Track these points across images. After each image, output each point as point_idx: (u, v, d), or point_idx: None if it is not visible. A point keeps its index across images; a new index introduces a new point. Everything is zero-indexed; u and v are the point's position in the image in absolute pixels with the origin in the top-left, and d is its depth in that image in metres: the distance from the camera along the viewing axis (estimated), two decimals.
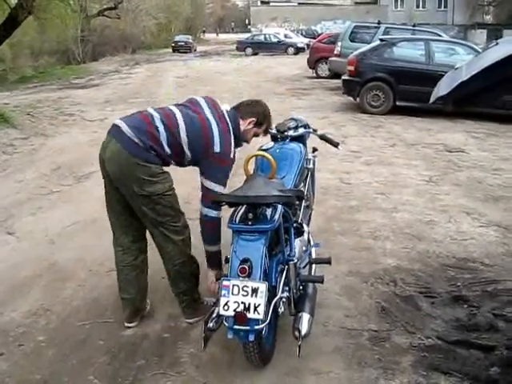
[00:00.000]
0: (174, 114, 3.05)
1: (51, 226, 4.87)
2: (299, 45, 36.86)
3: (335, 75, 15.41)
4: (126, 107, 11.73)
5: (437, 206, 5.58)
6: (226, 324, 2.53)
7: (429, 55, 10.82)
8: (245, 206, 2.69)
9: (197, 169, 3.16)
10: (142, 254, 3.33)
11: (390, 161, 7.44)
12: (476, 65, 1.54)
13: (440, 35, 13.68)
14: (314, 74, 18.95)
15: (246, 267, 2.51)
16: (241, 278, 2.51)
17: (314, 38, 44.74)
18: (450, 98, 1.66)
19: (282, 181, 3.17)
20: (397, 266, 4.17)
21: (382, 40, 11.82)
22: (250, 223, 2.62)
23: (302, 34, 47.04)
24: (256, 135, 3.32)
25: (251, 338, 2.53)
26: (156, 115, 3.03)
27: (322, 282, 3.06)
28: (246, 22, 72.12)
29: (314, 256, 3.51)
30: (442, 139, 8.88)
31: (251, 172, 2.96)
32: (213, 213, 3.05)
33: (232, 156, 3.06)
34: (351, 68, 11.35)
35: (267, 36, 37.59)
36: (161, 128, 2.98)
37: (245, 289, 2.49)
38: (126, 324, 3.34)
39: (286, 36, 38.60)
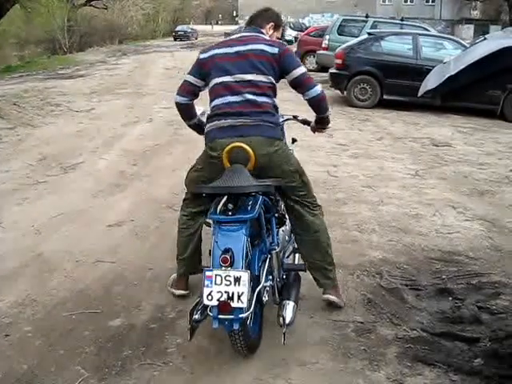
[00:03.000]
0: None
1: (37, 216, 4.84)
2: (287, 37, 36.72)
3: (322, 68, 15.42)
4: (113, 98, 11.71)
5: (423, 199, 5.63)
6: (211, 314, 2.55)
7: (416, 50, 10.86)
8: (225, 197, 2.72)
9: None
10: (201, 225, 3.42)
11: (377, 154, 7.48)
12: (464, 59, 1.55)
13: (428, 30, 13.74)
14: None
15: (228, 257, 2.52)
16: (223, 268, 2.53)
17: (302, 31, 44.78)
18: (438, 91, 1.66)
19: None
20: (383, 258, 4.21)
21: (369, 34, 11.85)
22: (230, 213, 2.65)
23: (290, 27, 46.94)
24: (278, 38, 3.40)
25: (236, 326, 2.55)
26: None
27: (304, 271, 3.11)
28: (234, 13, 71.85)
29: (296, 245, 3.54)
30: (428, 133, 8.93)
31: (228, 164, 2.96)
32: (178, 98, 3.30)
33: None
34: (339, 61, 11.38)
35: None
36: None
37: (227, 278, 2.51)
38: (175, 291, 3.51)
39: None
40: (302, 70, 3.14)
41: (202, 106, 3.47)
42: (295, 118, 3.77)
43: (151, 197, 5.46)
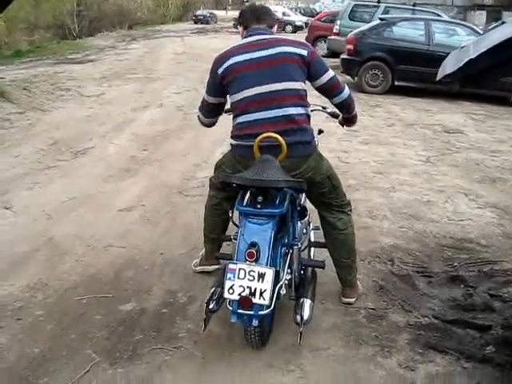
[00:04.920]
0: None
1: (48, 201, 4.84)
2: (297, 23, 36.63)
3: (333, 54, 15.28)
4: (123, 83, 11.67)
5: (434, 186, 5.59)
6: (230, 308, 2.52)
7: (428, 35, 10.77)
8: (254, 188, 2.65)
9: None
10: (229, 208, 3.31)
11: (388, 140, 7.43)
12: (483, 43, 1.52)
13: (440, 15, 13.58)
14: None
15: (254, 251, 2.47)
16: (248, 262, 2.49)
17: (313, 17, 44.32)
18: (457, 76, 1.63)
19: None
20: (394, 245, 4.19)
21: (381, 19, 11.73)
22: (259, 207, 2.59)
23: (300, 13, 46.66)
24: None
25: (255, 323, 2.52)
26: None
27: (323, 268, 3.07)
28: None
29: (312, 239, 3.52)
30: (440, 120, 8.86)
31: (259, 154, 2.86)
32: (203, 118, 3.23)
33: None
34: (350, 47, 11.28)
35: None
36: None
37: (251, 273, 2.47)
38: (209, 267, 3.58)
39: (284, 14, 38.29)
40: (330, 74, 3.00)
41: None
42: (324, 109, 3.64)
43: (162, 182, 5.45)
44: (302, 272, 3.02)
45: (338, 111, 3.44)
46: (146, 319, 3.15)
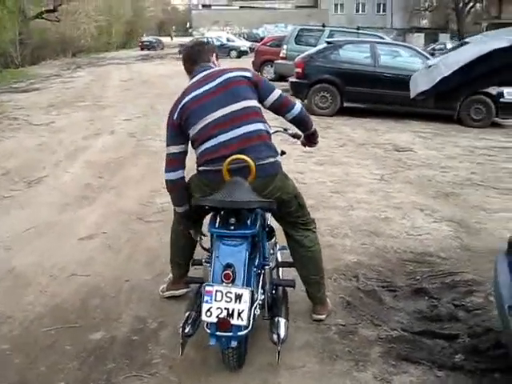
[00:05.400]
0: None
1: (6, 231, 4.71)
2: (242, 48, 37.16)
3: (281, 77, 15.53)
4: (71, 111, 11.53)
5: (391, 203, 5.74)
6: (208, 330, 2.51)
7: (374, 57, 11.10)
8: (226, 210, 2.67)
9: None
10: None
11: (342, 160, 7.59)
12: (453, 61, 1.61)
13: (383, 38, 14.04)
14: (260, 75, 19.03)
15: (230, 272, 2.49)
16: (224, 284, 2.49)
17: (257, 42, 45.18)
18: (432, 93, 1.72)
19: None
20: (357, 261, 4.26)
21: (328, 42, 12.03)
22: (232, 228, 2.61)
23: (243, 38, 47.37)
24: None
25: (233, 344, 2.53)
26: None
27: (293, 287, 3.09)
28: (187, 25, 71.82)
29: (279, 259, 3.55)
30: (390, 139, 9.12)
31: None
32: (170, 175, 3.05)
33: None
34: (299, 70, 11.50)
35: (210, 39, 37.52)
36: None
37: (228, 295, 2.47)
38: (177, 292, 3.55)
39: (228, 40, 38.77)
40: (278, 91, 3.13)
41: None
42: (285, 130, 3.63)
43: (120, 209, 5.39)
44: (273, 292, 3.04)
45: (299, 132, 3.52)
46: (118, 347, 3.10)
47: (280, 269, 3.55)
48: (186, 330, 2.63)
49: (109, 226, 4.92)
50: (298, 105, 3.20)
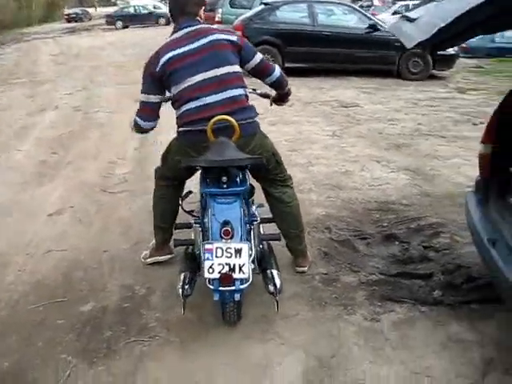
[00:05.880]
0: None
1: None
2: None
3: None
4: (8, 88, 11.12)
5: (347, 157, 5.91)
6: (211, 286, 2.58)
7: (313, 16, 11.17)
8: (213, 170, 2.73)
9: None
10: (178, 196, 3.36)
11: (292, 119, 7.69)
12: (448, 13, 1.71)
13: None
14: None
15: (229, 229, 2.55)
16: (223, 241, 2.56)
17: None
18: (429, 43, 1.82)
19: None
20: (326, 214, 4.40)
21: (265, 4, 11.98)
22: (225, 187, 2.68)
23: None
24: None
25: (237, 297, 2.62)
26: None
27: (279, 240, 3.21)
28: None
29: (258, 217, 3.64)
30: (335, 96, 9.28)
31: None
32: (146, 125, 3.15)
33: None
34: (238, 33, 11.41)
35: (137, 8, 36.67)
36: None
37: (228, 250, 2.55)
38: (160, 257, 3.59)
39: (154, 7, 37.86)
40: (260, 56, 3.15)
41: None
42: (254, 91, 3.63)
43: (82, 182, 5.32)
44: (260, 246, 3.14)
45: (267, 92, 3.58)
46: (111, 316, 3.12)
47: (260, 225, 3.64)
48: (188, 291, 2.69)
49: (74, 200, 4.86)
50: (277, 69, 3.26)
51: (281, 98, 3.56)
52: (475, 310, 3.05)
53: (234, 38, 3.04)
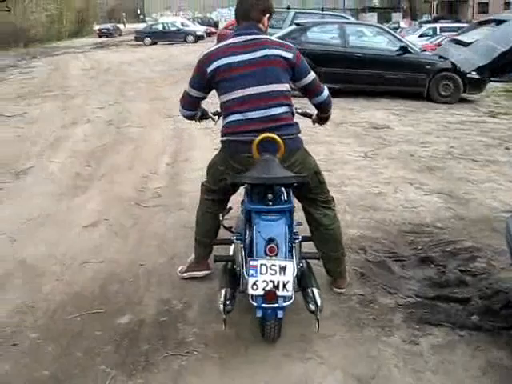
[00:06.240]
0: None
1: (5, 223, 4.66)
2: (198, 33, 36.92)
3: None
4: (41, 101, 11.34)
5: (380, 178, 5.89)
6: (255, 303, 2.59)
7: (344, 38, 11.21)
8: (259, 187, 2.77)
9: None
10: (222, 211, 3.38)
11: (324, 140, 7.70)
12: (503, 37, 1.72)
13: (347, 18, 14.19)
14: None
15: (274, 246, 2.57)
16: (268, 258, 2.57)
17: (211, 26, 44.98)
18: (490, 66, 1.82)
19: None
20: (361, 235, 4.39)
21: (297, 24, 12.06)
22: (270, 204, 2.70)
23: (198, 22, 47.07)
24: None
25: (280, 314, 2.63)
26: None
27: (319, 259, 3.21)
28: (138, 11, 70.77)
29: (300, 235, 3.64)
30: (365, 117, 9.29)
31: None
32: (186, 113, 3.30)
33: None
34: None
35: (165, 25, 37.26)
36: None
37: (273, 267, 2.55)
38: (199, 273, 3.61)
39: (183, 24, 38.44)
40: (312, 75, 3.15)
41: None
42: (296, 109, 3.64)
43: (116, 196, 5.39)
44: (301, 264, 3.14)
45: (308, 111, 3.61)
46: (148, 329, 3.14)
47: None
48: (229, 307, 2.70)
49: (109, 212, 4.92)
50: (326, 91, 3.26)
51: (321, 119, 3.57)
52: None
53: (290, 56, 3.01)
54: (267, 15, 3.16)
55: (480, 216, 4.79)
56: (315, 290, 2.84)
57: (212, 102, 3.57)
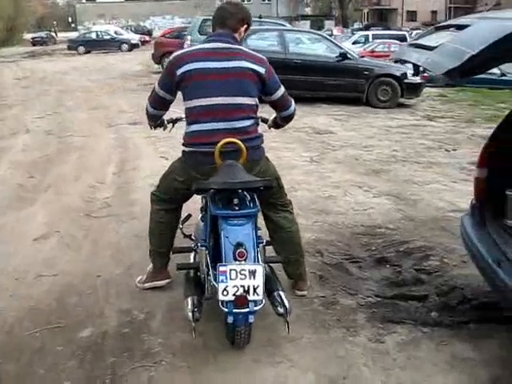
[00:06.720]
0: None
1: None
2: (133, 41, 36.54)
3: None
4: None
5: (328, 182, 5.99)
6: (225, 309, 2.57)
7: (284, 44, 11.35)
8: (224, 192, 2.76)
9: None
10: (177, 220, 3.44)
11: (270, 145, 7.59)
12: (477, 40, 1.80)
13: (285, 25, 14.38)
14: (161, 69, 18.79)
15: (244, 250, 2.56)
16: (237, 262, 2.56)
17: (145, 34, 44.59)
18: (458, 70, 1.89)
19: None
20: (316, 238, 4.44)
21: None
22: (237, 208, 2.69)
23: (131, 31, 46.61)
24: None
25: (251, 319, 2.62)
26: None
27: (283, 262, 3.22)
28: (70, 20, 69.35)
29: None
30: (308, 123, 9.42)
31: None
32: (153, 111, 3.26)
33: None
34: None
35: (99, 33, 36.66)
36: None
37: (242, 272, 2.54)
38: (159, 282, 3.53)
39: (116, 33, 37.96)
40: (282, 90, 3.17)
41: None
42: None
43: (64, 206, 5.23)
44: (266, 269, 3.14)
45: (264, 116, 3.64)
46: (112, 341, 3.06)
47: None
48: (197, 314, 2.68)
49: (59, 224, 4.77)
50: (293, 105, 3.31)
51: (277, 125, 3.61)
52: (474, 329, 3.12)
53: (262, 71, 3.00)
54: (245, 26, 3.14)
55: (429, 216, 4.94)
56: (282, 293, 2.86)
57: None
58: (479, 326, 3.15)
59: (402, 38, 29.96)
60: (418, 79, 11.15)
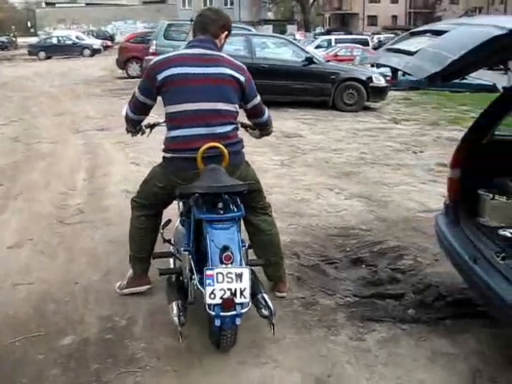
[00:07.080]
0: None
1: None
2: (95, 46, 36.15)
3: None
4: None
5: (300, 185, 6.07)
6: (213, 313, 2.59)
7: (250, 49, 11.41)
8: (208, 196, 2.78)
9: None
10: (157, 225, 3.43)
11: None
12: (457, 45, 1.87)
13: (250, 30, 14.45)
14: (125, 74, 18.67)
15: (230, 254, 2.59)
16: (223, 266, 2.59)
17: (107, 39, 44.14)
18: (442, 73, 1.96)
19: None
20: (291, 241, 4.49)
21: None
22: (222, 212, 2.72)
23: (93, 36, 46.08)
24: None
25: (238, 321, 2.65)
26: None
27: (265, 265, 3.27)
28: (29, 24, 68.12)
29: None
30: (276, 127, 9.16)
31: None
32: (133, 116, 3.25)
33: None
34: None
35: (60, 38, 36.12)
36: None
37: (229, 275, 2.57)
38: (141, 288, 3.51)
39: (78, 38, 37.42)
40: (258, 98, 3.23)
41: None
42: None
43: (36, 214, 5.17)
44: None
45: (244, 121, 3.68)
46: (94, 348, 3.05)
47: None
48: (183, 319, 2.70)
49: (32, 231, 4.71)
50: (267, 112, 3.36)
51: (261, 135, 3.67)
52: (451, 325, 3.22)
53: (243, 79, 3.06)
54: (225, 33, 3.19)
55: (400, 217, 5.06)
56: (265, 296, 2.90)
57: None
58: (455, 321, 3.25)
59: (364, 43, 30.52)
60: (382, 83, 11.34)
